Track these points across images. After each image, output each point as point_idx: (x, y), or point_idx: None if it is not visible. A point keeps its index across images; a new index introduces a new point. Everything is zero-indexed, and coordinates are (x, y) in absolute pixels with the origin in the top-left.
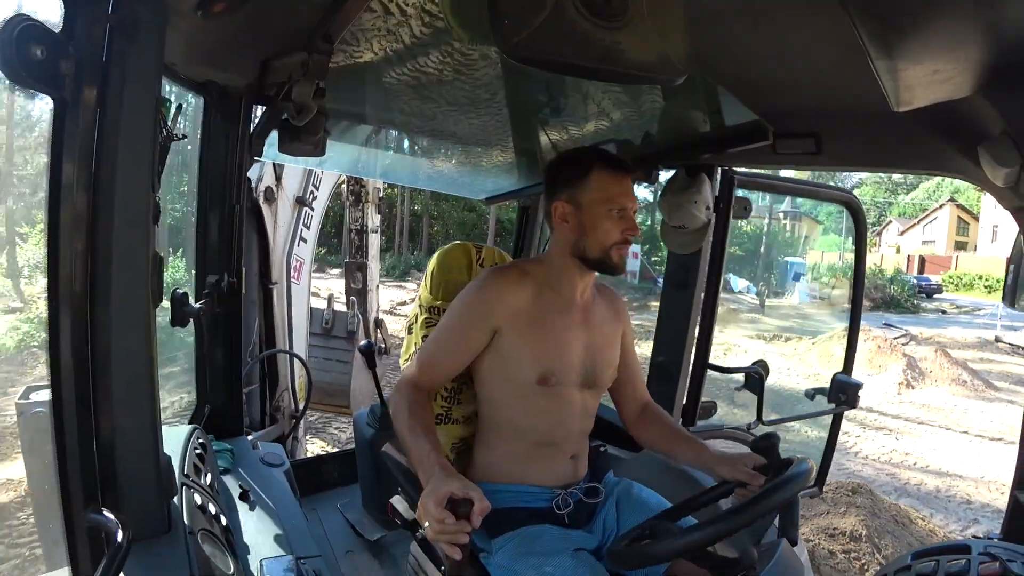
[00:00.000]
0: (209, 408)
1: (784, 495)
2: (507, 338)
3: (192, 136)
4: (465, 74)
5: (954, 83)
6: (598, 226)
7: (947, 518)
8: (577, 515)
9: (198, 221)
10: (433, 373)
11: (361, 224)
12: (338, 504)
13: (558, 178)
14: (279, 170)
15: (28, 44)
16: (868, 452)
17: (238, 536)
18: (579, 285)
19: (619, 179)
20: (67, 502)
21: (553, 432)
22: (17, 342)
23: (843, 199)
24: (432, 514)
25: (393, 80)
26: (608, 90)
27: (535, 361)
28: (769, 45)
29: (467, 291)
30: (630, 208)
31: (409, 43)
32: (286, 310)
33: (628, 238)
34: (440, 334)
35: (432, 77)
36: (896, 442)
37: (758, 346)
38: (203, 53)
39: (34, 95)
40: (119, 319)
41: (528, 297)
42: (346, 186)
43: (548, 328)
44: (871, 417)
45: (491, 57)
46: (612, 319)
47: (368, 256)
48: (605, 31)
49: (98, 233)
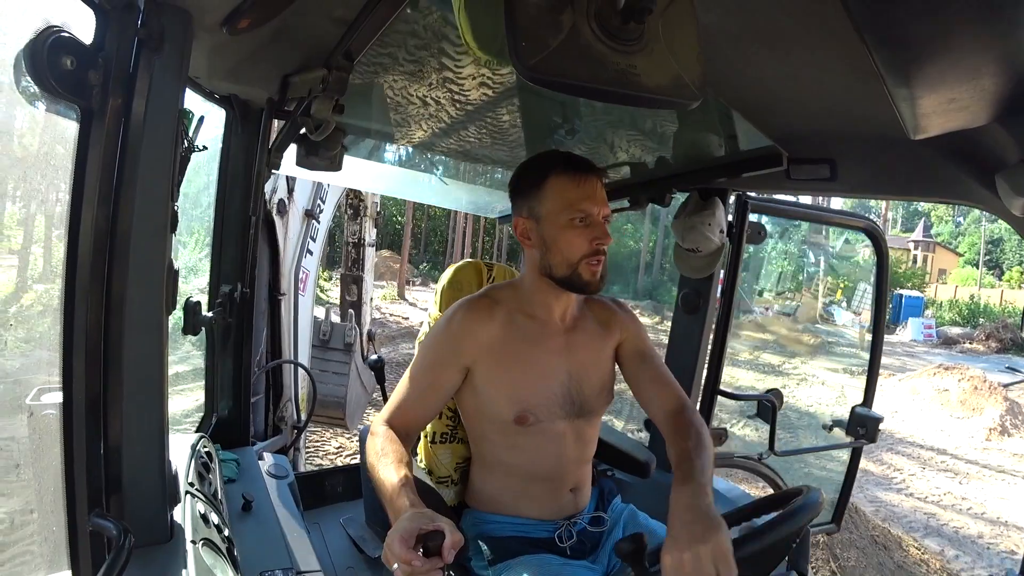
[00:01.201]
0: (216, 417)
1: (791, 527)
2: (480, 375)
3: (213, 148)
4: (480, 94)
5: (971, 111)
6: (560, 239)
7: (975, 562)
8: (580, 546)
9: (214, 231)
10: (406, 415)
11: (358, 237)
12: (341, 519)
13: (516, 191)
14: (291, 183)
15: (59, 55)
16: (917, 490)
17: (240, 547)
18: (556, 307)
19: (578, 182)
20: (71, 505)
21: (543, 467)
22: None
23: (862, 226)
24: (398, 555)
25: (409, 98)
26: (623, 112)
27: (510, 400)
28: (784, 70)
29: (435, 328)
30: (596, 214)
31: (427, 63)
32: (293, 321)
33: (598, 248)
34: (411, 375)
35: (448, 97)
36: (958, 486)
37: (838, 379)
38: (226, 67)
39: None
40: (133, 325)
41: (499, 328)
42: (345, 200)
43: (523, 360)
44: (941, 459)
45: (507, 78)
46: (602, 335)
47: (364, 269)
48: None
49: (117, 239)
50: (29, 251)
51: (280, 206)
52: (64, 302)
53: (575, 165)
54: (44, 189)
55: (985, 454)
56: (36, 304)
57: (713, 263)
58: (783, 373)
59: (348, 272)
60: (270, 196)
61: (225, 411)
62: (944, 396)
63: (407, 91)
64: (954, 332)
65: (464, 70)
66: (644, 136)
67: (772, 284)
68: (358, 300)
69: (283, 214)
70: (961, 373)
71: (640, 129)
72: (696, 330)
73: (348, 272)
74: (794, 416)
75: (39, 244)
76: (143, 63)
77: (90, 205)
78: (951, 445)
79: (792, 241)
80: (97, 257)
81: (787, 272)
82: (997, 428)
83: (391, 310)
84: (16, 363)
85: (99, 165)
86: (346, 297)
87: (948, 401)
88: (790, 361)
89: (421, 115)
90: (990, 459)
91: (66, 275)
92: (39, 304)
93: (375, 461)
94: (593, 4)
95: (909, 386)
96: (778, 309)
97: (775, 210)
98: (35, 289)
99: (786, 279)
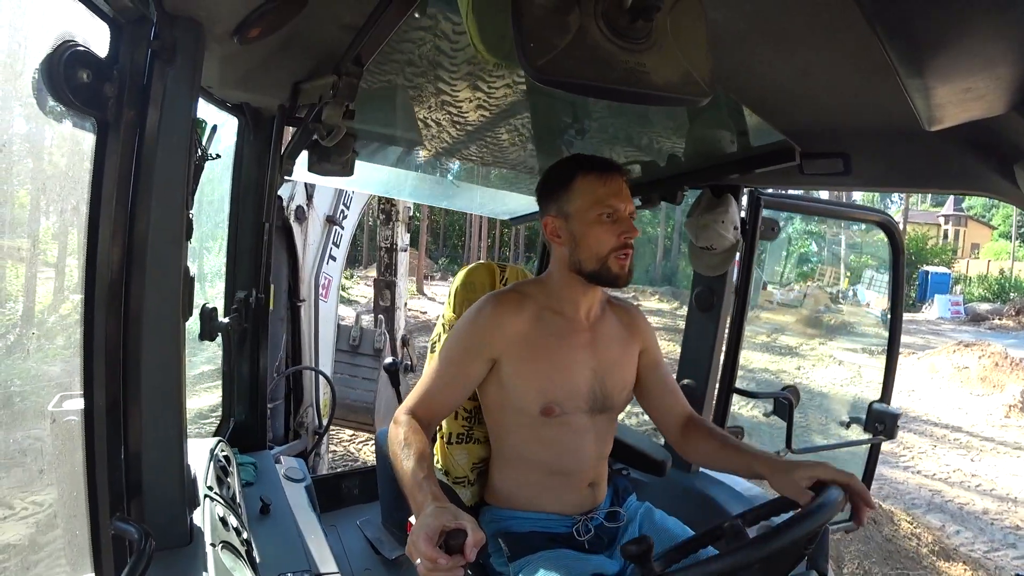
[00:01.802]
0: (234, 421)
1: (811, 525)
2: (507, 367)
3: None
4: (490, 96)
5: (987, 101)
6: (589, 235)
7: (976, 537)
8: (598, 540)
9: (229, 238)
10: (431, 405)
11: (391, 242)
12: (358, 521)
13: (544, 193)
14: (310, 189)
15: (75, 68)
16: (925, 468)
17: (258, 549)
18: (583, 303)
19: (605, 180)
20: (94, 510)
21: (565, 461)
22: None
23: (877, 220)
24: (423, 552)
25: (420, 103)
26: (634, 111)
27: (538, 392)
28: (795, 64)
29: (463, 319)
30: (622, 209)
31: (436, 67)
32: (313, 327)
33: (626, 242)
34: (437, 365)
35: (458, 100)
36: (969, 463)
37: (857, 358)
38: (238, 76)
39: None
40: (151, 332)
41: (527, 322)
42: (377, 205)
43: (550, 354)
44: (954, 436)
45: (516, 79)
46: (626, 336)
47: (397, 274)
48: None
49: (134, 247)
50: (64, 263)
51: (299, 213)
52: (84, 310)
53: (601, 165)
54: (67, 201)
55: (1003, 431)
56: (72, 313)
57: (728, 261)
58: (799, 354)
59: (381, 277)
60: (287, 203)
61: (242, 415)
62: (964, 374)
63: (416, 96)
64: (983, 308)
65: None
66: (655, 134)
67: (777, 276)
68: (391, 305)
69: (301, 221)
70: (982, 350)
71: (651, 127)
72: (711, 328)
73: (381, 277)
74: (806, 397)
75: (72, 256)
76: (157, 74)
77: (107, 214)
78: (967, 423)
79: (797, 232)
80: (115, 265)
81: (792, 263)
82: (1018, 405)
83: (409, 305)
84: (44, 369)
85: (116, 175)
86: (379, 302)
87: (968, 379)
88: (807, 343)
89: (431, 119)
90: (1007, 436)
91: (85, 284)
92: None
93: (398, 451)
94: (600, 3)
95: (927, 364)
96: (780, 299)
97: (789, 206)
98: (71, 300)
99: (792, 269)
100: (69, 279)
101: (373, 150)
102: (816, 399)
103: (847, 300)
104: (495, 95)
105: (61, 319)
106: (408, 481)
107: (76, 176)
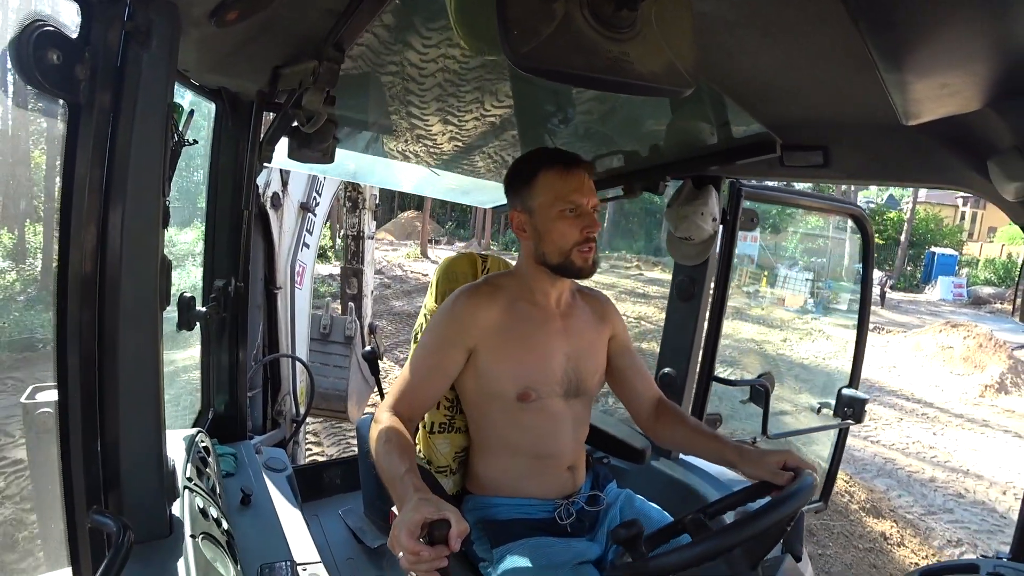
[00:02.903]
0: (213, 411)
1: (787, 510)
2: (483, 356)
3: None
4: (472, 84)
5: (963, 97)
6: (552, 230)
7: (916, 501)
8: (580, 524)
9: (207, 225)
10: (412, 400)
11: (357, 230)
12: (340, 510)
13: (509, 187)
14: (285, 176)
15: (45, 49)
16: (886, 438)
17: (239, 540)
18: (552, 293)
19: (566, 176)
20: (70, 502)
21: (544, 445)
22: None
23: (849, 211)
24: (405, 546)
25: (401, 89)
26: (616, 100)
27: (514, 378)
28: (778, 57)
29: (439, 313)
30: (584, 204)
31: (418, 52)
32: (289, 315)
33: (588, 236)
34: (415, 359)
35: (440, 86)
36: (932, 437)
37: (845, 334)
38: (215, 60)
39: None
40: (127, 321)
41: (501, 312)
42: (343, 192)
43: (525, 341)
44: (923, 411)
45: (499, 67)
46: (595, 323)
47: (364, 262)
48: (614, 42)
49: (108, 235)
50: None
51: (274, 199)
52: (57, 299)
53: (563, 160)
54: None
55: (974, 409)
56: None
57: (705, 251)
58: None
59: (348, 265)
60: (263, 189)
61: (221, 406)
62: (947, 353)
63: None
64: (986, 292)
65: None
66: (637, 124)
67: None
68: (358, 293)
69: (277, 207)
70: (968, 330)
71: (634, 117)
72: (691, 317)
73: (348, 265)
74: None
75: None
76: (131, 56)
77: (80, 201)
78: (940, 399)
79: None
80: (89, 254)
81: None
82: (995, 385)
83: (413, 267)
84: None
85: (88, 160)
86: (346, 290)
87: (951, 358)
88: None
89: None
90: (977, 414)
91: (59, 272)
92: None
93: (379, 447)
94: None
95: (913, 342)
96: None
97: (768, 197)
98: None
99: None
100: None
101: (348, 135)
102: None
103: (765, 301)
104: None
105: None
106: (389, 475)
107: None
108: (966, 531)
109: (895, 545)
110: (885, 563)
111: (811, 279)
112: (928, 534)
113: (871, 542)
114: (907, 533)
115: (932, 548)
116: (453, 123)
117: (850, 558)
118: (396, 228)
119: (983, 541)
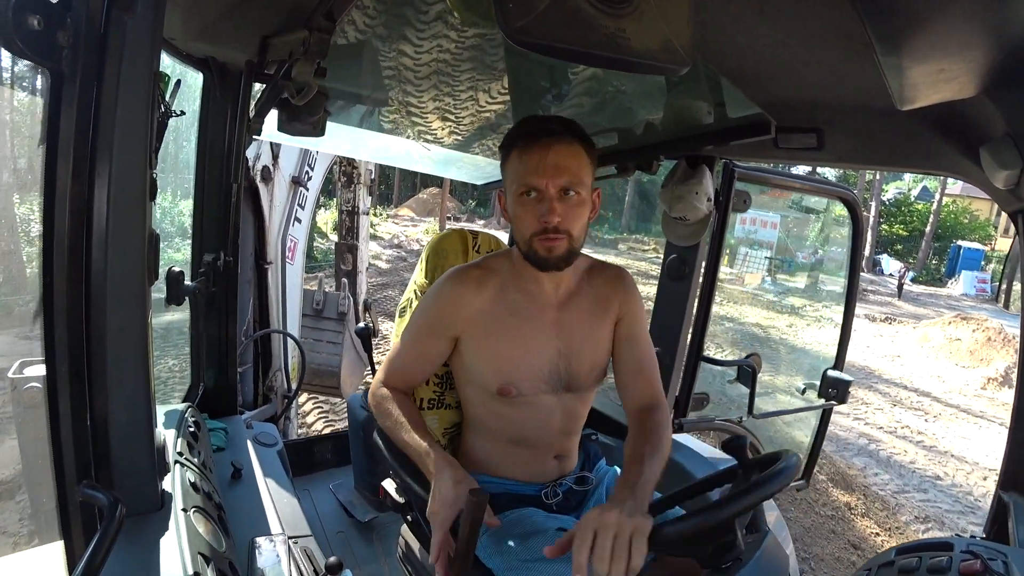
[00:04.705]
0: (203, 387)
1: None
2: (467, 345)
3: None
4: (465, 58)
5: (959, 83)
6: (516, 216)
7: (891, 479)
8: (566, 503)
9: (195, 199)
10: (403, 377)
11: (352, 205)
12: (330, 485)
13: (501, 165)
14: (276, 150)
15: (25, 14)
16: (875, 421)
17: (230, 514)
18: (545, 280)
19: (529, 154)
20: (60, 477)
21: (527, 435)
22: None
23: (840, 195)
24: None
25: (393, 61)
26: (612, 78)
27: (494, 372)
28: (775, 38)
29: (427, 296)
30: (543, 186)
31: (410, 24)
32: (280, 290)
33: (545, 226)
34: (403, 342)
35: (432, 59)
36: (923, 423)
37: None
38: (203, 28)
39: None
40: (115, 296)
41: (489, 300)
42: (338, 167)
43: (509, 334)
44: (919, 400)
45: (493, 41)
46: (598, 314)
47: (359, 238)
48: (610, 18)
49: (94, 209)
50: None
51: (264, 173)
52: (43, 274)
53: (531, 133)
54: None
55: (973, 400)
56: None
57: (700, 231)
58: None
59: (343, 241)
60: (253, 163)
61: (211, 381)
62: (955, 345)
63: (390, 54)
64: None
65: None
66: (632, 102)
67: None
68: (353, 269)
69: (268, 181)
70: (977, 324)
71: (628, 95)
72: (681, 297)
73: (343, 241)
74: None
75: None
76: (115, 23)
77: (64, 173)
78: (940, 390)
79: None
80: (75, 227)
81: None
82: (998, 379)
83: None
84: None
85: (72, 131)
86: (340, 266)
87: (957, 350)
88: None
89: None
90: (974, 405)
91: (43, 246)
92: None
93: (396, 421)
94: None
95: (921, 333)
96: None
97: (761, 179)
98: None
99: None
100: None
101: (340, 108)
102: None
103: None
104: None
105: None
106: (415, 451)
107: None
108: (936, 510)
109: (859, 516)
110: (845, 530)
111: (830, 269)
112: (897, 510)
113: (834, 510)
114: (875, 507)
115: (898, 522)
116: (447, 101)
117: (809, 523)
118: (418, 205)
119: (952, 520)
